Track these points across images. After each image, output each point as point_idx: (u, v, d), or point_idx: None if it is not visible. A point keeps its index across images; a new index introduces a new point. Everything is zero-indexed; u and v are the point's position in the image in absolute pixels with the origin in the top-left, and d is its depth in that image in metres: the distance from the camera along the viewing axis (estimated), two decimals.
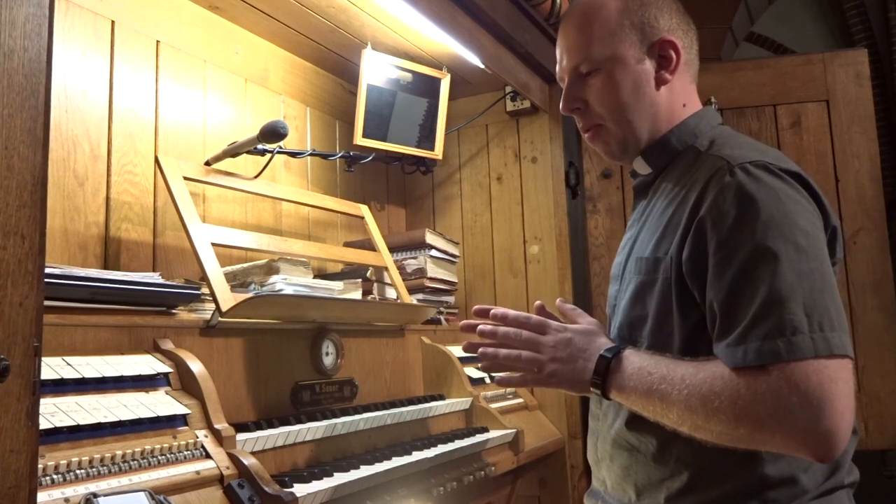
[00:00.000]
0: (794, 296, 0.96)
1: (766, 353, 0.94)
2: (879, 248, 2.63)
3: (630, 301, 1.18)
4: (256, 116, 2.26)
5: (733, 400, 0.96)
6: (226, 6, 2.12)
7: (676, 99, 1.24)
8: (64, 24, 1.72)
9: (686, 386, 1.01)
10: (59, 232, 1.65)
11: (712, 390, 0.98)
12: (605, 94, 1.22)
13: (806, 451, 0.93)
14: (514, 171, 2.81)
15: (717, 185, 1.05)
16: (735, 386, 0.96)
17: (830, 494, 1.08)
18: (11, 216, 0.74)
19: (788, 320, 0.94)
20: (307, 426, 1.59)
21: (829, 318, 0.95)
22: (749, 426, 0.95)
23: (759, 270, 0.98)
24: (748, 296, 0.98)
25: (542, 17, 2.25)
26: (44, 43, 0.78)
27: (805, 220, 1.02)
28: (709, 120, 1.25)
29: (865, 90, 2.70)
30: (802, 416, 0.91)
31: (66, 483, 1.06)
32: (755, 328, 0.96)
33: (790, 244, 0.98)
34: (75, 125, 1.73)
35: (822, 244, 1.03)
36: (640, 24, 1.22)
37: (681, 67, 1.23)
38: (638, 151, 1.26)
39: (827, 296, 0.97)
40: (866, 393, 2.58)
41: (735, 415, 0.95)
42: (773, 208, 1.00)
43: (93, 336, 1.32)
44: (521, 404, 2.50)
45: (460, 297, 2.78)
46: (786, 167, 1.07)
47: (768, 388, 0.93)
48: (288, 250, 1.96)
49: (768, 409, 0.93)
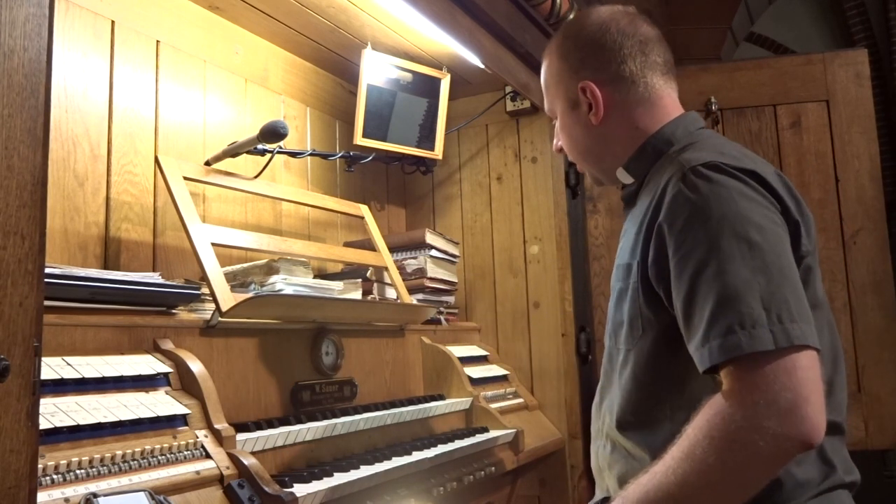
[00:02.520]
0: (751, 290, 0.97)
1: (728, 347, 0.95)
2: (879, 248, 2.62)
3: (613, 307, 1.24)
4: (256, 116, 2.26)
5: (708, 432, 0.95)
6: (226, 6, 2.12)
7: (625, 128, 1.27)
8: (64, 24, 1.72)
9: (671, 461, 0.99)
10: (59, 232, 1.65)
11: (689, 443, 0.97)
12: (563, 139, 1.35)
13: (789, 438, 0.92)
14: (514, 171, 2.81)
15: (673, 189, 1.08)
16: (702, 423, 0.97)
17: (830, 493, 1.08)
18: (11, 216, 0.74)
19: (747, 314, 0.96)
20: (307, 426, 1.59)
21: (787, 309, 0.96)
22: (735, 435, 0.93)
23: (714, 269, 0.99)
24: (704, 295, 1.00)
25: (542, 17, 2.24)
26: (44, 43, 0.78)
27: (759, 216, 1.03)
28: (686, 126, 1.26)
29: (865, 90, 2.70)
30: (774, 405, 0.92)
31: (66, 483, 1.06)
32: (715, 326, 0.97)
33: (743, 241, 1.00)
34: (75, 125, 1.73)
35: (780, 238, 1.03)
36: (568, 70, 1.30)
37: (615, 101, 1.26)
38: (613, 178, 1.32)
39: (786, 288, 0.98)
40: (866, 393, 2.58)
41: (720, 440, 0.94)
42: (725, 207, 1.02)
43: (93, 336, 1.32)
44: (521, 404, 2.50)
45: (460, 297, 2.78)
46: (740, 165, 1.08)
47: (735, 394, 0.94)
48: (288, 250, 1.96)
49: (743, 411, 0.93)
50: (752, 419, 0.92)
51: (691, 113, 1.30)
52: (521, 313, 2.72)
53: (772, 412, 0.92)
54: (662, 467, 1.00)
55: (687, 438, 0.98)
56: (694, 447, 0.96)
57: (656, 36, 1.29)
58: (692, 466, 0.96)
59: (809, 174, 2.70)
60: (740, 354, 0.94)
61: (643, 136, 1.26)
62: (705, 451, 0.95)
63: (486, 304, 2.79)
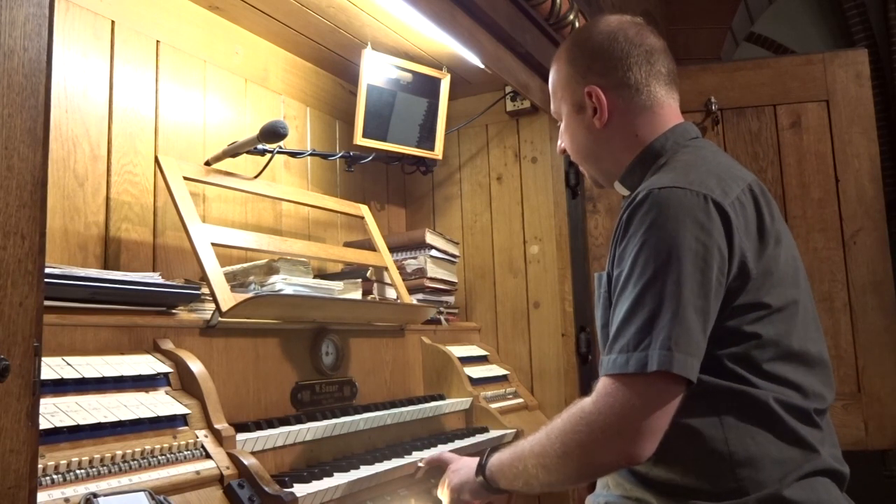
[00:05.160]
0: (635, 317, 1.10)
1: (606, 365, 1.13)
2: (879, 248, 2.62)
3: (598, 314, 1.35)
4: (256, 116, 2.26)
5: (568, 413, 1.19)
6: (226, 6, 2.12)
7: (625, 134, 1.34)
8: (64, 24, 1.72)
9: (542, 432, 1.23)
10: (59, 232, 1.65)
11: (557, 422, 1.21)
12: (567, 141, 1.42)
13: (612, 449, 1.10)
14: (514, 171, 2.81)
15: (627, 210, 1.18)
16: (570, 408, 1.19)
17: (811, 478, 1.13)
18: (11, 216, 0.74)
19: (631, 338, 1.10)
20: (307, 426, 1.59)
21: (663, 338, 1.07)
22: (578, 426, 1.14)
23: (626, 292, 1.13)
24: (616, 314, 1.15)
25: (542, 18, 2.24)
26: (44, 43, 0.78)
27: (692, 241, 1.11)
28: (676, 139, 1.32)
29: (865, 90, 2.70)
30: (609, 419, 1.10)
31: (66, 483, 1.06)
32: (613, 344, 1.13)
33: (652, 266, 1.11)
34: (75, 125, 1.73)
35: (704, 265, 1.11)
36: (575, 75, 1.36)
37: (619, 107, 1.32)
38: (612, 181, 1.40)
39: (668, 316, 1.08)
40: (866, 393, 2.58)
41: (569, 422, 1.17)
42: (654, 233, 1.12)
43: (93, 336, 1.32)
44: (520, 404, 2.50)
45: (460, 297, 2.78)
46: (695, 189, 1.15)
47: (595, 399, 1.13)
48: (288, 250, 1.96)
49: (587, 414, 1.13)
50: (593, 425, 1.12)
51: (685, 123, 1.35)
52: (521, 313, 2.73)
53: (608, 422, 1.10)
54: (533, 436, 1.24)
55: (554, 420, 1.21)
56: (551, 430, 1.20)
57: (662, 47, 1.35)
58: (544, 443, 1.20)
59: (809, 174, 2.70)
60: (614, 373, 1.11)
61: (641, 144, 1.32)
62: (561, 425, 1.18)
63: (486, 304, 2.79)
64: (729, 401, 1.14)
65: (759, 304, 1.15)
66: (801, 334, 1.19)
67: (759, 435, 1.13)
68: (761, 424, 1.13)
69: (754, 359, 1.14)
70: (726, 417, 1.14)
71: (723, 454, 1.13)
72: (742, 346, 1.14)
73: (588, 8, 2.49)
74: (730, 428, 1.13)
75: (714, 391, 1.13)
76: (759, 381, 1.14)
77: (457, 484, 1.42)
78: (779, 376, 1.15)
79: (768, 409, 1.13)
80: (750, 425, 1.13)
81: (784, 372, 1.15)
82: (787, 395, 1.15)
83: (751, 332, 1.14)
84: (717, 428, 1.13)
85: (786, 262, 1.21)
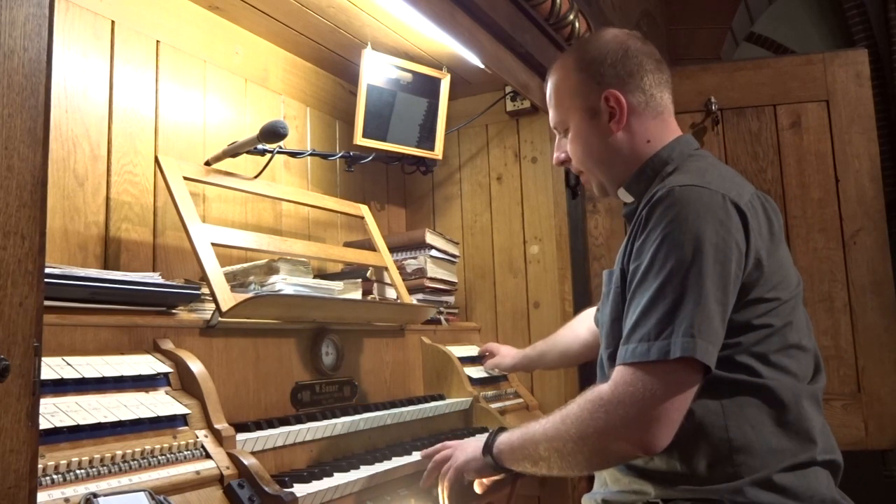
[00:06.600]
0: (657, 307, 1.12)
1: (623, 354, 1.15)
2: (879, 248, 2.63)
3: (605, 310, 1.36)
4: (256, 116, 2.26)
5: (584, 399, 1.19)
6: (226, 6, 2.12)
7: (638, 139, 1.36)
8: (64, 24, 1.72)
9: (556, 416, 1.24)
10: (59, 232, 1.65)
11: (573, 407, 1.21)
12: (574, 148, 1.42)
13: (629, 437, 1.11)
14: (514, 171, 2.81)
15: (649, 205, 1.20)
16: (586, 394, 1.20)
17: (805, 469, 1.17)
18: (11, 216, 0.74)
19: (652, 328, 1.12)
20: (307, 426, 1.59)
21: (685, 325, 1.10)
22: (596, 413, 1.15)
23: (646, 284, 1.16)
24: (634, 305, 1.17)
25: (542, 18, 2.24)
26: (44, 43, 0.78)
27: (713, 235, 1.13)
28: (682, 149, 1.36)
29: (865, 90, 2.70)
30: (628, 408, 1.11)
31: (66, 483, 1.06)
32: (632, 334, 1.15)
33: (675, 259, 1.13)
34: (75, 125, 1.73)
35: (724, 259, 1.14)
36: (589, 81, 1.37)
37: (635, 111, 1.35)
38: (617, 188, 1.42)
39: (691, 306, 1.11)
40: (866, 393, 2.59)
41: (585, 408, 1.17)
42: (677, 227, 1.14)
43: (93, 336, 1.32)
44: (520, 404, 2.50)
45: (460, 297, 2.78)
46: (713, 188, 1.18)
47: (612, 387, 1.14)
48: (288, 250, 1.96)
49: (605, 402, 1.14)
50: (612, 412, 1.13)
51: (687, 136, 1.40)
52: (521, 313, 2.73)
53: (629, 408, 1.11)
54: (545, 419, 1.25)
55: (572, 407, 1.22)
56: (571, 407, 1.21)
57: (661, 58, 1.40)
58: (560, 427, 1.21)
59: (809, 174, 2.70)
60: (634, 361, 1.12)
61: (651, 150, 1.35)
62: (578, 409, 1.19)
63: (486, 304, 2.79)
64: (732, 389, 1.17)
65: (770, 298, 1.19)
66: (798, 327, 1.24)
67: (758, 423, 1.16)
68: (762, 412, 1.17)
69: (762, 350, 1.18)
70: (728, 406, 1.17)
71: (722, 440, 1.16)
72: (750, 336, 1.18)
73: (588, 8, 2.49)
74: (730, 415, 1.16)
75: (718, 380, 1.16)
76: (765, 370, 1.18)
77: (462, 462, 1.44)
78: (782, 366, 1.19)
79: (769, 398, 1.17)
80: (750, 413, 1.17)
81: (786, 363, 1.19)
82: (788, 383, 1.19)
83: (760, 323, 1.18)
84: (718, 415, 1.17)
85: (787, 259, 1.27)
